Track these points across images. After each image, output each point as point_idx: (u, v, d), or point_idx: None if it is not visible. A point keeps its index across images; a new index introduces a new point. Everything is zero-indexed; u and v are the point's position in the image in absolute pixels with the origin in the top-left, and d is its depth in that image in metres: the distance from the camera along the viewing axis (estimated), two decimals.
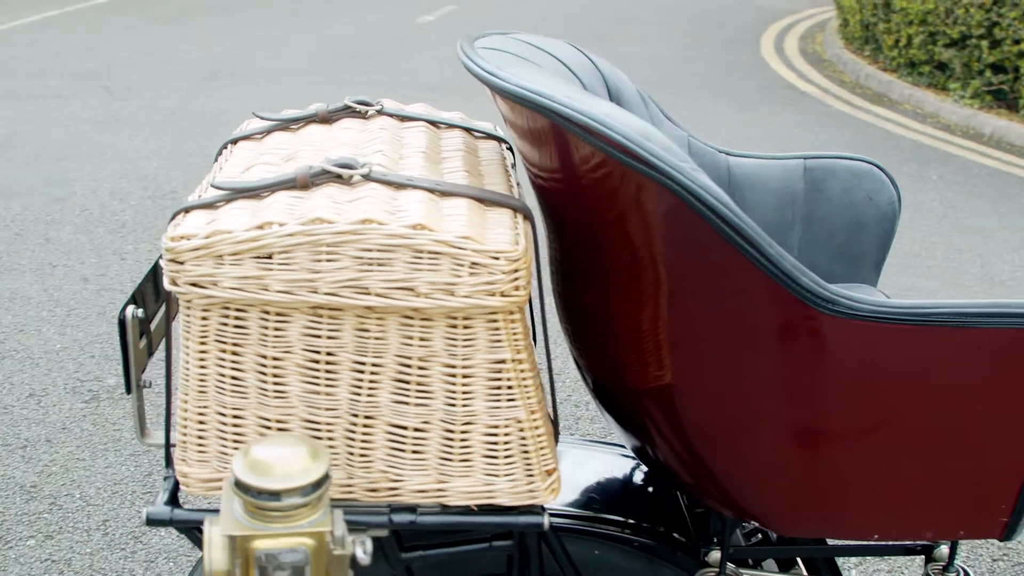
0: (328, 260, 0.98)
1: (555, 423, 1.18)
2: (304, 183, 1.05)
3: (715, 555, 1.24)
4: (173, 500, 1.09)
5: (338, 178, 1.06)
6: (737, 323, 1.05)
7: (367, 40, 9.45)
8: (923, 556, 1.33)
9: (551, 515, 1.24)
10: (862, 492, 1.12)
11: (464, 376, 1.04)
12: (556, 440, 1.19)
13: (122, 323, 1.11)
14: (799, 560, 1.42)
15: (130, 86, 7.66)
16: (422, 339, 1.02)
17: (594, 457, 1.41)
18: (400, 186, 1.07)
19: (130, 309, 1.11)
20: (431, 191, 1.07)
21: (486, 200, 1.08)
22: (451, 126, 1.31)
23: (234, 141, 1.28)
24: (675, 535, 1.29)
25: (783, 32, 9.43)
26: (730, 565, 1.24)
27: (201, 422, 1.05)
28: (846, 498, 1.13)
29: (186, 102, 7.16)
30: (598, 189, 1.05)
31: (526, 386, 1.05)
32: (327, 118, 1.29)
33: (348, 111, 1.30)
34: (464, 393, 1.04)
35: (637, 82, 1.49)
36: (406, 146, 1.21)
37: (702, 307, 1.05)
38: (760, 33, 9.29)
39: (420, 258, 0.98)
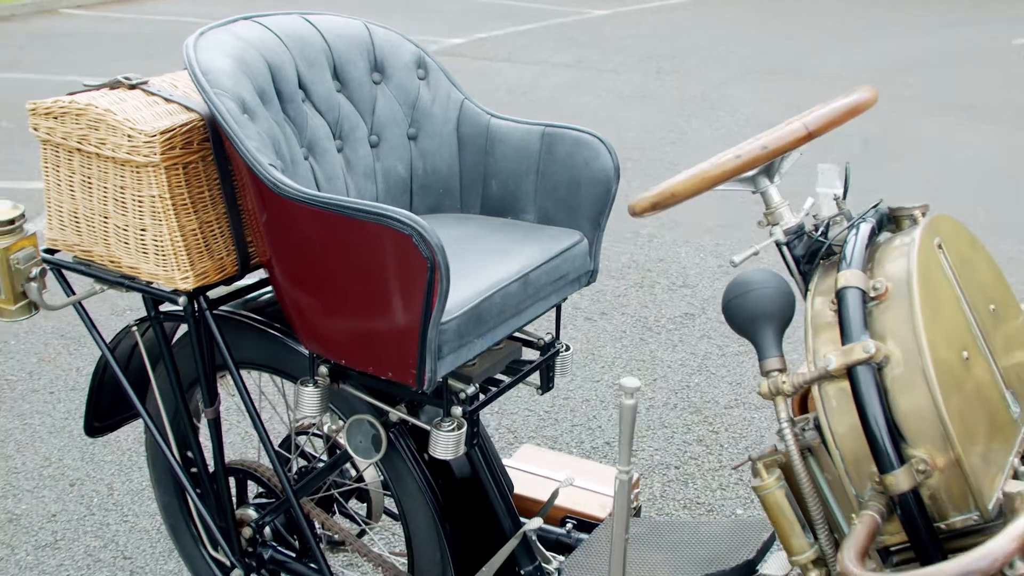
0: (75, 122, 1.83)
1: (242, 260, 1.90)
2: (112, 85, 1.90)
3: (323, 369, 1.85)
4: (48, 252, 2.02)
5: (121, 85, 1.89)
6: (253, 200, 1.70)
7: (939, 55, 9.39)
8: None
9: (228, 312, 1.96)
10: (323, 324, 1.69)
11: (138, 201, 1.82)
12: (243, 272, 1.91)
13: None
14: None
15: (679, 70, 8.61)
16: (120, 175, 1.82)
17: None
18: (150, 94, 1.87)
19: None
20: (166, 99, 1.86)
21: (189, 108, 1.84)
22: None
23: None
24: None
25: None
26: (327, 384, 1.84)
27: (49, 208, 1.97)
28: (318, 327, 1.71)
29: (712, 89, 7.93)
30: None
31: (170, 213, 1.80)
32: None
33: None
34: (139, 211, 1.82)
35: None
36: None
37: (247, 191, 1.72)
38: None
39: (111, 127, 1.78)
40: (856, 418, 1.31)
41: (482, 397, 1.80)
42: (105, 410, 2.28)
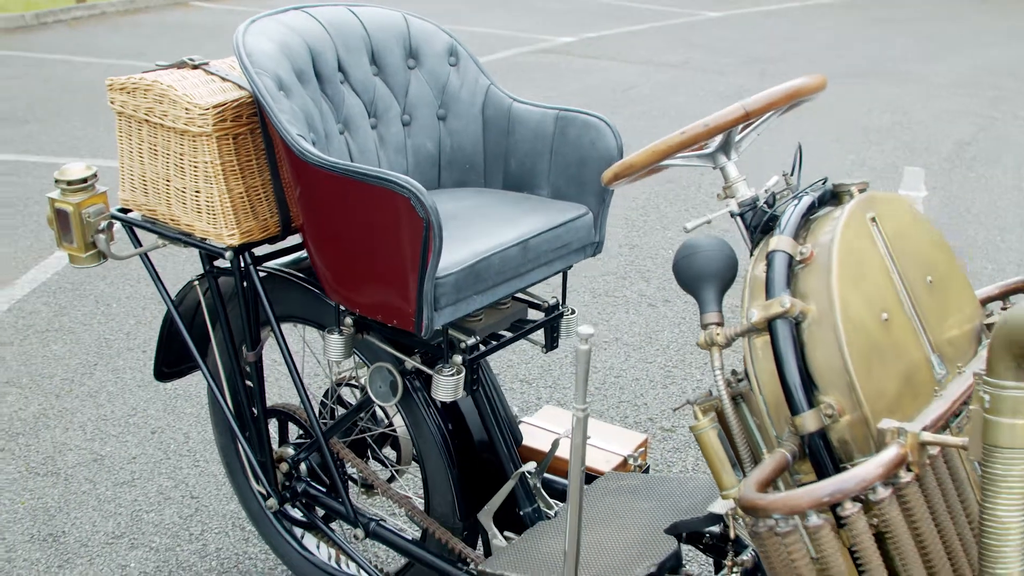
0: (143, 96, 2.10)
1: (284, 222, 2.14)
2: (178, 65, 2.17)
3: (349, 320, 2.09)
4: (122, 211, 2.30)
5: (186, 66, 2.16)
6: (287, 167, 1.94)
7: None
8: None
9: (270, 267, 2.21)
10: (342, 278, 1.92)
11: (194, 166, 2.08)
12: (285, 232, 2.15)
13: None
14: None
15: (784, 72, 8.64)
16: (180, 143, 2.09)
17: None
18: (210, 73, 2.13)
19: None
20: (223, 78, 2.11)
21: (241, 86, 2.09)
22: None
23: None
24: None
25: None
26: (351, 333, 2.07)
27: (122, 172, 2.24)
28: (338, 281, 1.93)
29: None
30: None
31: (220, 178, 2.05)
32: None
33: None
34: (194, 175, 2.08)
35: None
36: None
37: (282, 160, 1.96)
38: None
39: (172, 101, 2.05)
40: None
41: (483, 348, 2.01)
42: (173, 358, 2.56)
